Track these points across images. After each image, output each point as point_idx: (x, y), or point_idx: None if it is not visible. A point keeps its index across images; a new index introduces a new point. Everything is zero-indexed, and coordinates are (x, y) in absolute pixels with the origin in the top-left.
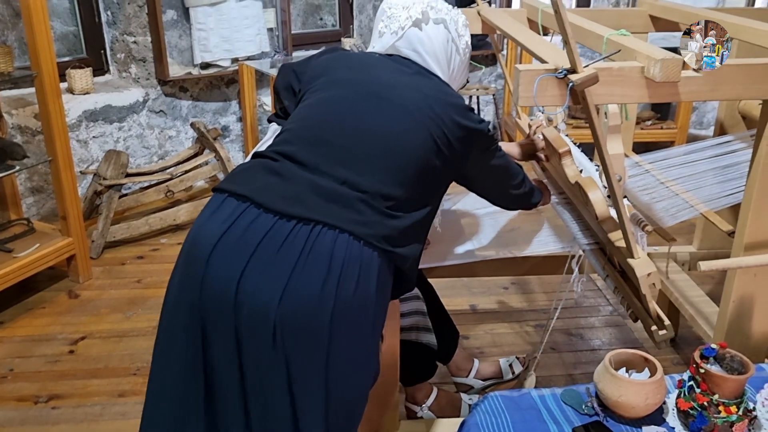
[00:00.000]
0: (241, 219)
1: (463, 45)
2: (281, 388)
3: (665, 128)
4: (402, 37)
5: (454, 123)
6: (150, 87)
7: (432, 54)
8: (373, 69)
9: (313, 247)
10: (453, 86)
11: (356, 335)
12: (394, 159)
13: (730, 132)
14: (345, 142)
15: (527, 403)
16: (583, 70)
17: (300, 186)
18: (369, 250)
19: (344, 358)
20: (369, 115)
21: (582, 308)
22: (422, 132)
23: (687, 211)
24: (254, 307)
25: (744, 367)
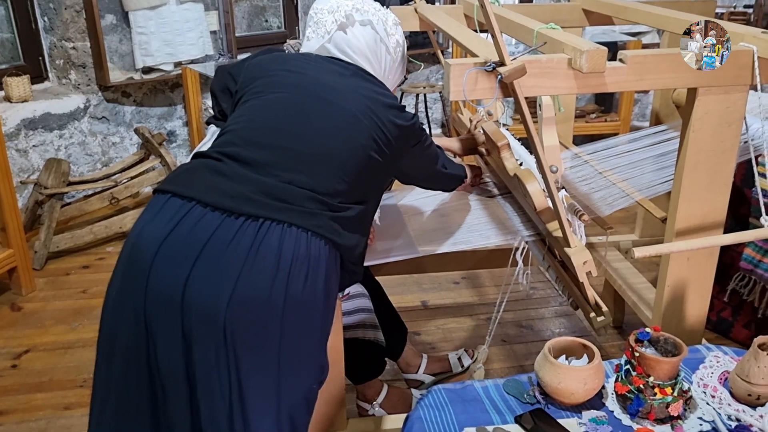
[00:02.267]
0: (186, 219)
1: (393, 44)
2: (232, 389)
3: (609, 120)
4: (330, 40)
5: (391, 123)
6: (91, 93)
7: (361, 55)
8: (312, 71)
9: (261, 244)
10: (388, 85)
11: (306, 331)
12: (338, 158)
13: (665, 121)
14: (290, 144)
15: (471, 395)
16: (511, 63)
17: (246, 185)
18: (317, 241)
19: (295, 355)
20: (313, 117)
21: (532, 300)
22: (364, 132)
23: (623, 199)
24: (203, 309)
25: (677, 349)
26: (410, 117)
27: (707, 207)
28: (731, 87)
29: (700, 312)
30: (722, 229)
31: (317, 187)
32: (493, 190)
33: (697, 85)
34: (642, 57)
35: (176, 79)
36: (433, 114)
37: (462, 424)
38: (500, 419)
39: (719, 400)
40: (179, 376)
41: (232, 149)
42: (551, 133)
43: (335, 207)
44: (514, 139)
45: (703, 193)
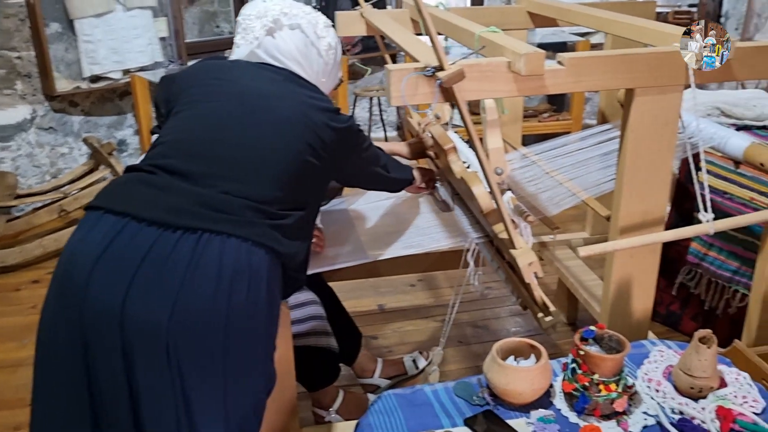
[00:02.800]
0: (121, 235)
1: (325, 47)
2: (178, 404)
3: (561, 120)
4: (259, 46)
5: (326, 126)
6: (37, 103)
7: (292, 59)
8: (245, 78)
9: (201, 257)
10: (322, 89)
11: (251, 341)
12: (274, 166)
13: (610, 120)
14: (225, 153)
15: (421, 400)
16: (450, 67)
17: (182, 197)
18: (257, 250)
19: (241, 366)
20: (247, 125)
21: (487, 300)
22: (299, 139)
23: (570, 199)
24: (143, 326)
25: (621, 345)
26: (346, 119)
27: (648, 204)
28: (667, 87)
29: (645, 307)
30: (663, 225)
31: (254, 196)
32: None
33: (633, 85)
34: (579, 59)
35: (125, 87)
36: (387, 117)
37: (412, 429)
38: (450, 422)
39: (663, 394)
40: (121, 394)
41: (165, 161)
42: (495, 136)
43: (274, 215)
44: (461, 141)
45: (644, 191)
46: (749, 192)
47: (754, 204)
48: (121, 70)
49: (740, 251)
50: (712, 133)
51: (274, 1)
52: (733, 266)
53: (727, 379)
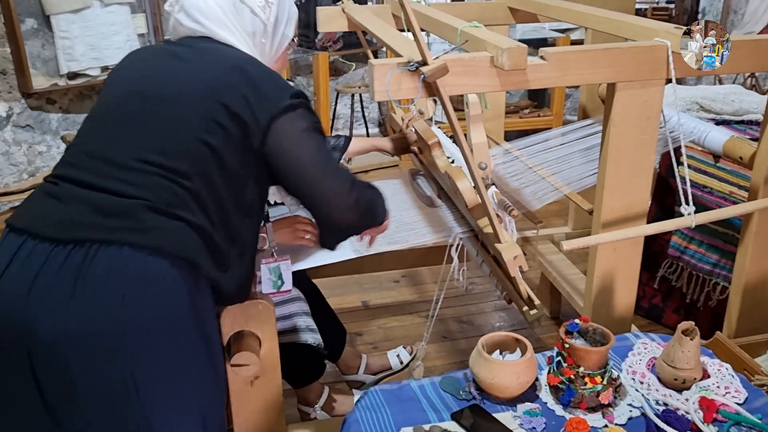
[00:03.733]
0: (19, 253)
1: (260, 3)
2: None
3: (542, 116)
4: (180, 9)
5: (242, 98)
6: (13, 101)
7: (217, 21)
8: (145, 62)
9: (89, 271)
10: (262, 54)
11: (168, 353)
12: (172, 159)
13: (591, 115)
14: (116, 151)
15: (407, 395)
16: (433, 62)
17: (77, 206)
18: (156, 259)
19: (158, 380)
20: (137, 118)
21: (472, 295)
22: (200, 122)
23: (553, 193)
24: (42, 345)
25: (606, 338)
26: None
27: (630, 198)
28: (648, 81)
29: (628, 300)
30: (646, 218)
31: (149, 195)
32: (433, 197)
33: (615, 80)
34: (562, 54)
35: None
36: (369, 114)
37: (399, 424)
38: (437, 417)
39: (647, 386)
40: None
41: (63, 168)
42: (479, 131)
43: (178, 216)
44: (445, 136)
45: (626, 185)
46: (729, 186)
47: (734, 197)
48: (100, 67)
49: (720, 244)
50: (692, 127)
51: None
52: (713, 259)
53: (710, 371)
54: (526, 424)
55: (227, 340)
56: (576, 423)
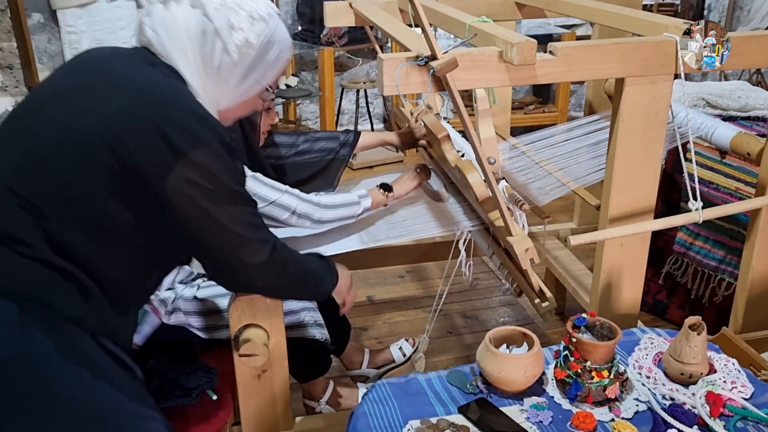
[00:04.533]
0: None
1: (238, 42)
2: None
3: (547, 112)
4: (148, 14)
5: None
6: (20, 95)
7: (177, 42)
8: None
9: None
10: (221, 93)
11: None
12: (39, 190)
13: (598, 111)
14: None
15: (414, 388)
16: (443, 56)
17: None
18: (2, 301)
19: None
20: (17, 134)
21: (477, 290)
22: (76, 154)
23: (560, 189)
24: None
25: (613, 333)
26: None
27: (638, 193)
28: (656, 76)
29: (634, 295)
30: (653, 214)
31: (9, 231)
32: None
33: (624, 75)
34: (571, 49)
35: None
36: (374, 109)
37: (406, 417)
38: (444, 410)
39: (654, 381)
40: None
41: None
42: (487, 125)
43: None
44: (454, 131)
45: (634, 180)
46: (735, 182)
47: (740, 194)
48: None
49: (726, 240)
50: (699, 123)
51: None
52: (719, 255)
53: (716, 365)
54: (533, 418)
55: (235, 333)
56: (583, 417)
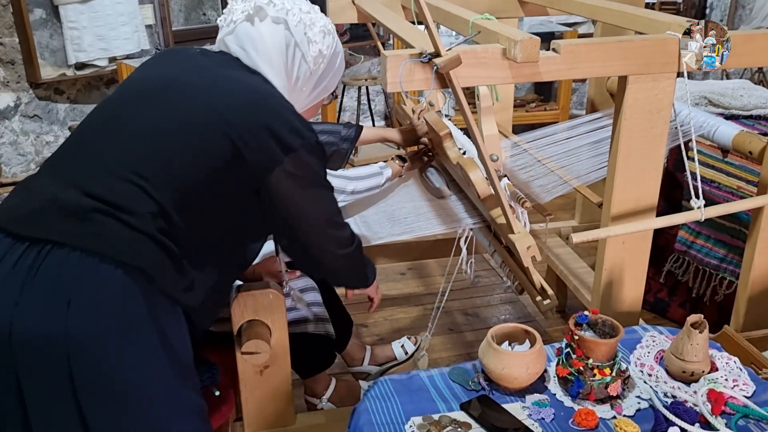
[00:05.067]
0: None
1: (314, 53)
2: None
3: (548, 110)
4: (233, 31)
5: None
6: (21, 91)
7: (265, 57)
8: (171, 66)
9: (38, 271)
10: (297, 99)
11: (112, 359)
12: (154, 175)
13: (600, 109)
14: (100, 150)
15: (416, 385)
16: (447, 54)
17: (41, 201)
18: (108, 267)
19: (101, 387)
20: (132, 118)
21: (478, 288)
22: (195, 144)
23: (562, 186)
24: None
25: (615, 330)
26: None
27: (640, 191)
28: (659, 74)
29: (636, 293)
30: (655, 212)
31: (119, 200)
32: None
33: (627, 73)
34: (574, 46)
35: (112, 75)
36: (375, 106)
37: (408, 413)
38: (446, 407)
39: (656, 379)
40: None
41: (51, 159)
42: (490, 123)
43: (144, 230)
44: (456, 128)
45: (636, 178)
46: (736, 181)
47: (741, 192)
48: (107, 57)
49: (727, 239)
50: (701, 121)
51: None
52: (720, 254)
53: (718, 364)
54: (535, 415)
55: (238, 329)
56: (585, 414)
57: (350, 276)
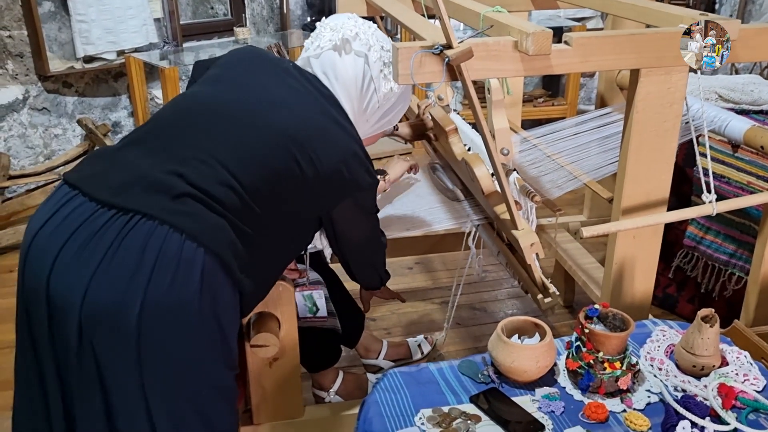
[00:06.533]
0: (65, 207)
1: (386, 90)
2: (93, 386)
3: (556, 105)
4: (318, 56)
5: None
6: (30, 83)
7: (343, 85)
8: (266, 76)
9: (125, 239)
10: (361, 128)
11: (178, 335)
12: (239, 169)
13: (609, 104)
14: (191, 138)
15: (426, 378)
16: (458, 46)
17: (129, 174)
18: (192, 245)
19: (163, 359)
20: (231, 119)
21: (485, 282)
22: (283, 154)
23: (572, 182)
24: (60, 302)
25: (625, 324)
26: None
27: (651, 185)
28: (672, 68)
29: (646, 288)
30: (666, 206)
31: (205, 186)
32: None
33: (639, 66)
34: (586, 39)
35: (120, 68)
36: None
37: (418, 406)
38: (455, 400)
39: (666, 372)
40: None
41: (134, 136)
42: (501, 116)
43: (224, 213)
44: (465, 123)
45: (647, 172)
46: (747, 176)
47: (752, 188)
48: (116, 50)
49: (737, 235)
50: (712, 115)
51: (359, 22)
52: (729, 249)
53: (729, 358)
54: (545, 408)
55: (247, 322)
56: (595, 407)
57: (371, 276)
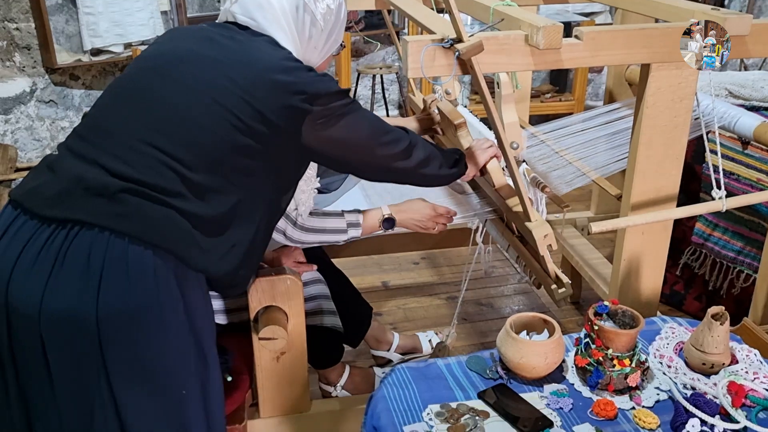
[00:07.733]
0: (11, 227)
1: (323, 10)
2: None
3: (563, 100)
4: (236, 2)
5: (269, 94)
6: (37, 76)
7: (275, 22)
8: (181, 41)
9: (68, 253)
10: (312, 57)
11: (144, 340)
12: (178, 147)
13: (618, 100)
14: (124, 128)
15: (434, 373)
16: (469, 39)
17: (67, 182)
18: (137, 248)
19: (130, 366)
20: (152, 97)
21: (492, 278)
22: (214, 110)
23: (580, 178)
24: (20, 322)
25: (635, 321)
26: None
27: (661, 181)
28: (683, 63)
29: (655, 285)
30: (675, 202)
31: (143, 177)
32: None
33: (650, 60)
34: (597, 33)
35: (127, 61)
36: (390, 95)
37: (426, 401)
38: (464, 395)
39: (675, 370)
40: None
41: (69, 140)
42: (510, 110)
43: (170, 204)
44: (473, 116)
45: (657, 168)
46: (756, 173)
47: (761, 185)
48: (123, 43)
49: (745, 232)
50: (722, 112)
51: None
52: (737, 246)
53: (738, 356)
54: (554, 405)
55: (255, 315)
56: (603, 404)
57: (437, 175)
